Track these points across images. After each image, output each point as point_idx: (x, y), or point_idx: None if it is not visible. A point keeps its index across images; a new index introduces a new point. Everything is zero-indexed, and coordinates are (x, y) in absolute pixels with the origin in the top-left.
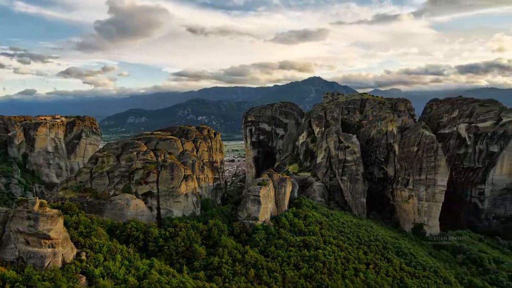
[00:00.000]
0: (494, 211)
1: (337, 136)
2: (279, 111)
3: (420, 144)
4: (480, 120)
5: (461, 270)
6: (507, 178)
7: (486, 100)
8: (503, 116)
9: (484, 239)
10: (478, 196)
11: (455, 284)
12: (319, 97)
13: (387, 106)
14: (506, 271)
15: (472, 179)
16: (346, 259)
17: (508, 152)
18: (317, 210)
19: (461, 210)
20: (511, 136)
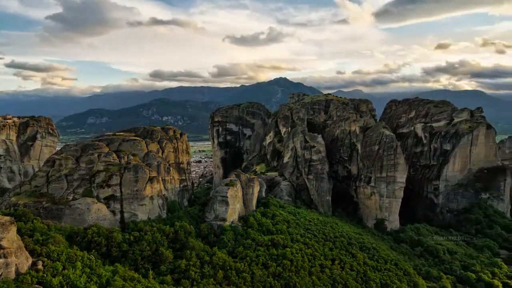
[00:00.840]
0: (448, 205)
1: (303, 136)
2: (246, 112)
3: (381, 143)
4: (434, 120)
5: (419, 261)
6: (459, 174)
7: (439, 102)
8: (455, 116)
9: (440, 231)
10: (434, 192)
11: (414, 275)
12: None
13: (350, 106)
14: (459, 261)
15: (428, 175)
16: (312, 256)
17: (459, 150)
18: (285, 209)
19: (418, 205)
20: (462, 135)
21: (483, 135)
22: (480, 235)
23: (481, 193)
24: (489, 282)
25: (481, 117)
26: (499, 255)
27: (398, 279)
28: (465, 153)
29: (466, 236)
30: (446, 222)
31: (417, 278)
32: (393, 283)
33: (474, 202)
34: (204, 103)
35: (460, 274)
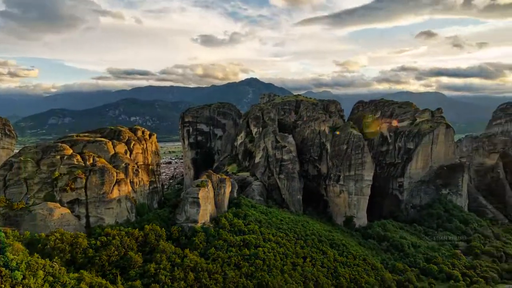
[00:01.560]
0: (412, 201)
1: (274, 136)
2: (217, 112)
3: (349, 142)
4: (399, 120)
5: (385, 256)
6: (421, 171)
7: (403, 103)
8: (417, 116)
9: (404, 226)
10: (398, 188)
11: (381, 269)
12: (256, 98)
13: (319, 107)
14: (422, 254)
15: (393, 173)
16: (284, 255)
17: (421, 148)
18: (256, 209)
19: (384, 201)
20: (423, 134)
21: (443, 134)
22: (441, 228)
23: (442, 189)
24: (449, 273)
25: (441, 117)
26: (458, 247)
27: (367, 273)
28: (426, 151)
29: (429, 230)
30: (410, 217)
31: (384, 272)
32: (362, 278)
33: (435, 198)
34: (173, 103)
35: (424, 266)
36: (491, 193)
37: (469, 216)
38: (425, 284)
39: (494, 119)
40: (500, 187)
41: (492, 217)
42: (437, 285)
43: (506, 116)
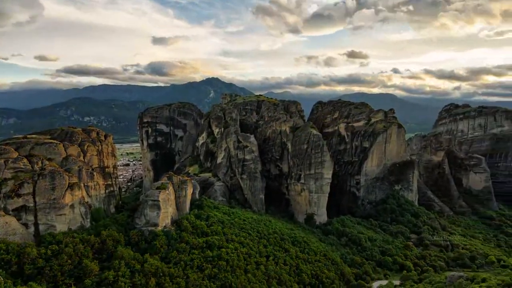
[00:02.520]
0: (368, 197)
1: (236, 136)
2: (177, 112)
3: (309, 142)
4: (355, 120)
5: (344, 250)
6: (376, 169)
7: (359, 103)
8: (372, 117)
9: (361, 221)
10: (356, 186)
11: (341, 264)
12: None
13: (280, 107)
14: (378, 247)
15: (350, 171)
16: (248, 255)
17: (376, 147)
18: (219, 210)
19: (343, 198)
20: (378, 133)
21: (395, 133)
22: (394, 222)
23: (394, 185)
24: (402, 263)
25: (393, 117)
26: (410, 239)
27: (327, 268)
28: (380, 149)
29: (383, 224)
30: (366, 213)
31: (343, 266)
32: (322, 273)
33: (389, 193)
34: (131, 103)
35: (379, 259)
36: (438, 187)
37: (419, 210)
38: (380, 275)
39: (439, 119)
40: (446, 182)
41: (439, 210)
42: (391, 275)
43: (450, 117)
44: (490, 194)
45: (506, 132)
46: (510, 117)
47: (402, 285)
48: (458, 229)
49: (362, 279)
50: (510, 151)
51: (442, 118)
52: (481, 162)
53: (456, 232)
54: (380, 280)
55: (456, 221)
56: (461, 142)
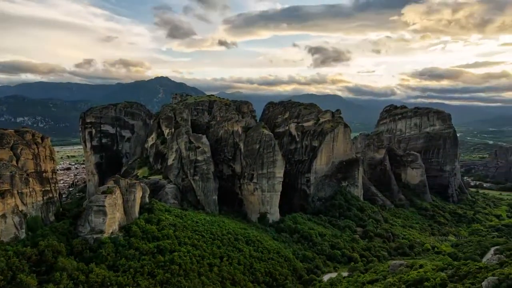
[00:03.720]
0: (318, 194)
1: (187, 137)
2: (124, 112)
3: (261, 142)
4: (305, 120)
5: (297, 247)
6: (325, 167)
7: (308, 104)
8: (320, 117)
9: (312, 218)
10: (306, 183)
11: (293, 260)
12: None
13: (232, 107)
14: (328, 241)
15: (301, 169)
16: (201, 257)
17: (324, 146)
18: (171, 213)
19: (294, 196)
20: (326, 133)
21: (342, 133)
22: (342, 217)
23: (342, 182)
24: (350, 256)
25: (340, 117)
26: (357, 232)
27: (280, 265)
28: (329, 148)
29: (332, 219)
30: (316, 209)
31: (296, 262)
32: (276, 270)
33: (337, 190)
34: (72, 102)
35: (329, 252)
36: (380, 182)
37: (364, 204)
38: (331, 268)
39: (381, 119)
40: (387, 177)
41: (381, 203)
42: (340, 268)
43: (390, 117)
44: (425, 187)
45: (438, 130)
46: (440, 117)
47: (350, 276)
48: (398, 220)
49: (314, 273)
50: (441, 148)
51: (383, 118)
52: (417, 158)
53: (396, 223)
54: (330, 273)
55: (397, 213)
56: (399, 140)
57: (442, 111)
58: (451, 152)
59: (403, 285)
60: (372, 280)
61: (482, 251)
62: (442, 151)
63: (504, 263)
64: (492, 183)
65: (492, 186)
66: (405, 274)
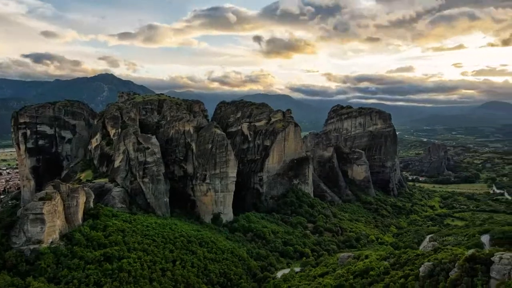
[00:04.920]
0: (270, 192)
1: (135, 138)
2: (64, 111)
3: (213, 142)
4: (257, 120)
5: (250, 245)
6: (277, 166)
7: (260, 104)
8: (272, 116)
9: (265, 216)
10: (259, 182)
11: (247, 259)
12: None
13: (183, 107)
14: (280, 238)
15: (254, 168)
16: (152, 262)
17: (276, 145)
18: (118, 218)
19: (247, 195)
20: (277, 132)
21: (293, 132)
22: (294, 214)
23: (293, 180)
24: (302, 251)
25: (291, 117)
26: (308, 228)
27: (235, 265)
28: (280, 147)
29: (285, 217)
30: (269, 207)
31: (250, 261)
32: (230, 270)
33: (289, 188)
34: (2, 100)
35: (282, 249)
36: (329, 179)
37: (314, 201)
38: (284, 264)
39: (329, 119)
40: (335, 174)
41: (330, 199)
42: (293, 263)
43: (337, 116)
44: (369, 182)
45: (379, 129)
46: (382, 117)
47: (302, 270)
48: (346, 214)
49: (267, 270)
50: (383, 145)
51: (331, 118)
52: (362, 155)
53: (344, 217)
54: (283, 269)
55: (344, 208)
56: (346, 139)
57: (383, 111)
58: (391, 150)
59: (351, 276)
60: (323, 273)
61: (419, 239)
62: (384, 149)
63: (438, 249)
64: (427, 177)
65: (426, 180)
66: (353, 265)
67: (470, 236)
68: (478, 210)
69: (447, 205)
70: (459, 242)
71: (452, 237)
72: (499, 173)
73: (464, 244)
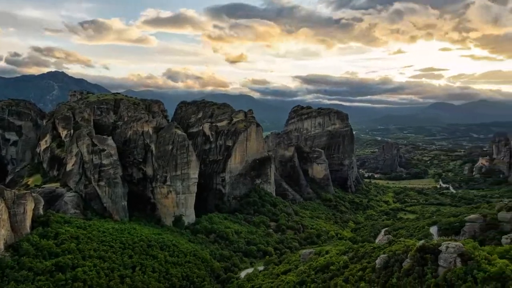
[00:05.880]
0: (233, 193)
1: (90, 139)
2: (8, 111)
3: (174, 142)
4: (218, 120)
5: (213, 247)
6: (239, 166)
7: (221, 104)
8: (234, 116)
9: (228, 216)
10: (221, 183)
11: (210, 260)
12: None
13: (141, 107)
14: (244, 238)
15: (216, 169)
16: (110, 269)
17: (238, 145)
18: (72, 224)
19: (210, 196)
20: (239, 132)
21: (254, 132)
22: (257, 213)
23: (256, 179)
24: (265, 250)
25: (252, 117)
26: (270, 226)
27: (198, 268)
28: (242, 147)
29: (248, 217)
30: (232, 208)
31: (213, 263)
32: (193, 273)
33: (251, 188)
34: None
35: (245, 249)
36: (290, 178)
37: (277, 200)
38: (247, 264)
39: (289, 119)
40: (296, 173)
41: (292, 198)
42: (256, 262)
43: (297, 116)
44: (329, 180)
45: (338, 129)
46: (340, 117)
47: (266, 269)
48: (307, 212)
49: (231, 271)
50: (341, 144)
51: (291, 118)
52: (321, 154)
53: (305, 215)
54: (247, 269)
55: (305, 205)
56: (306, 138)
57: (341, 111)
58: (349, 148)
59: (313, 271)
60: (286, 270)
61: (375, 233)
62: (342, 148)
63: (392, 242)
64: (381, 174)
65: (381, 176)
66: (314, 261)
67: (420, 228)
68: (427, 203)
69: (399, 200)
70: (411, 234)
71: (404, 230)
72: (444, 168)
73: (415, 235)
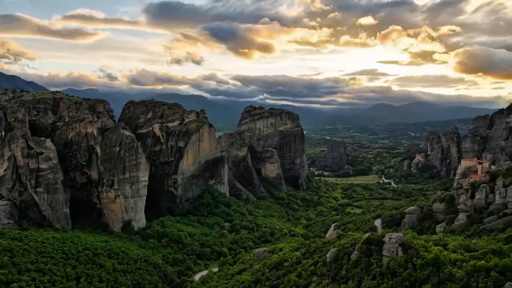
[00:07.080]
0: (186, 195)
1: (25, 142)
2: None
3: (121, 144)
4: (169, 120)
5: (166, 251)
6: (192, 167)
7: (172, 104)
8: (185, 117)
9: (181, 219)
10: (173, 185)
11: (163, 265)
12: None
13: (84, 106)
14: (197, 241)
15: (167, 171)
16: (51, 282)
17: (190, 146)
18: (5, 236)
19: (161, 199)
20: (191, 133)
21: (207, 132)
22: (211, 215)
23: (209, 180)
24: (219, 251)
25: (205, 117)
26: (224, 227)
27: (149, 274)
28: (195, 148)
29: (201, 218)
30: (185, 210)
31: (166, 267)
32: (145, 280)
33: (204, 189)
34: None
35: (199, 251)
36: (244, 178)
37: (230, 200)
38: (201, 267)
39: (242, 119)
40: (250, 173)
41: (246, 197)
42: (211, 264)
43: (250, 117)
44: (281, 179)
45: (289, 129)
46: (291, 118)
47: (220, 270)
48: (261, 211)
49: (185, 275)
50: (292, 144)
51: (244, 118)
52: (274, 154)
53: (259, 214)
54: (201, 272)
55: (259, 205)
56: (259, 138)
57: (292, 112)
58: (300, 148)
59: (267, 269)
60: (241, 270)
61: (325, 228)
62: (293, 147)
63: (341, 236)
64: (330, 171)
65: (330, 174)
66: (268, 259)
67: (366, 222)
68: (372, 198)
69: (347, 195)
70: (358, 228)
71: (352, 224)
72: (386, 165)
73: (361, 229)
